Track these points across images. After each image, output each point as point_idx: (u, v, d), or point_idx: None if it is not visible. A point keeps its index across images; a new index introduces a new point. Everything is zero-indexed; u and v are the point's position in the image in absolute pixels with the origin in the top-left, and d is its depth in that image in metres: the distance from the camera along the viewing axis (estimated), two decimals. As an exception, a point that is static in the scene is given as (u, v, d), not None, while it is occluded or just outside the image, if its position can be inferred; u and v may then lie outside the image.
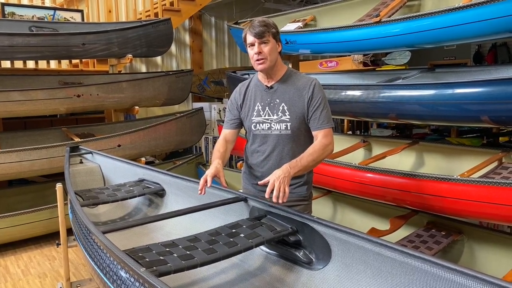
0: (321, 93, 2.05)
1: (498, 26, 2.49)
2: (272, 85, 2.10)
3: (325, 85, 3.61)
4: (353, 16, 3.76)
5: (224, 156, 2.13)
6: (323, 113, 2.02)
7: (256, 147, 2.17)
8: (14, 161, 3.91)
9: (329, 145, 2.01)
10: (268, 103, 2.10)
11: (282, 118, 2.06)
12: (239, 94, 2.21)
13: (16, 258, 3.86)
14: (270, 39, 2.00)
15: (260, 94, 2.13)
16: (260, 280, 1.84)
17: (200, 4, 6.40)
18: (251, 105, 2.15)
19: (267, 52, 1.99)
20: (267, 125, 2.10)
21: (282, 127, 2.07)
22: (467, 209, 2.52)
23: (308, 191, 2.19)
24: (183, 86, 5.51)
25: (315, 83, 2.05)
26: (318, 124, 2.03)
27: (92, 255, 1.79)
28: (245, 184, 2.31)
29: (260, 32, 1.97)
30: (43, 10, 5.31)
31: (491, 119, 2.65)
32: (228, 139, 2.22)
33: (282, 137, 2.09)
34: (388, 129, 6.45)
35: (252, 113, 2.14)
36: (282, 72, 2.10)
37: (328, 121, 2.04)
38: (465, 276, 1.34)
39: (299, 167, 1.89)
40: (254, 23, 2.00)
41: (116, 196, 2.65)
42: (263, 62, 2.01)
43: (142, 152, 4.84)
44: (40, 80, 4.88)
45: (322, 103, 2.03)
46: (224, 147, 2.17)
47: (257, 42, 1.98)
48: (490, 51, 8.49)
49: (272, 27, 2.01)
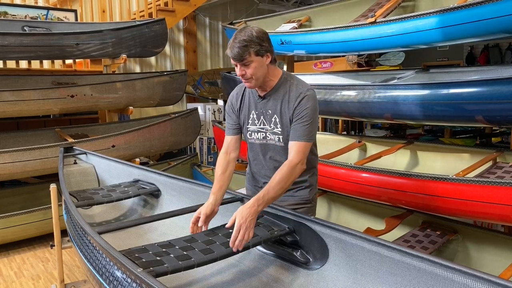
0: (309, 105, 1.88)
1: (493, 26, 2.50)
2: (265, 95, 1.98)
3: (320, 86, 3.63)
4: (348, 17, 3.77)
5: (223, 184, 1.98)
6: (304, 127, 1.87)
7: (254, 155, 2.12)
8: (7, 162, 3.87)
9: (298, 165, 1.84)
10: (262, 113, 2.01)
11: (274, 130, 1.99)
12: (236, 99, 2.11)
13: (9, 260, 3.81)
14: (253, 58, 1.83)
15: (254, 103, 2.04)
16: (257, 280, 1.83)
17: (195, 4, 6.39)
18: (247, 112, 2.06)
19: (250, 73, 1.86)
20: (263, 134, 2.03)
21: (276, 138, 2.00)
22: (463, 209, 2.54)
23: (311, 194, 2.12)
24: (177, 86, 5.49)
25: (305, 95, 1.89)
26: (295, 136, 1.88)
27: (88, 256, 1.77)
28: (248, 185, 2.29)
29: (238, 55, 1.81)
30: (36, 10, 5.26)
31: (485, 118, 2.66)
32: (231, 150, 2.08)
33: (277, 148, 2.01)
34: (382, 129, 6.47)
35: (248, 121, 2.06)
36: (276, 80, 1.96)
37: (307, 136, 1.88)
38: (462, 274, 1.34)
39: (266, 202, 1.76)
40: (233, 42, 1.82)
41: (111, 197, 2.64)
42: (248, 81, 1.90)
43: (137, 153, 4.82)
44: (33, 80, 4.84)
45: (306, 117, 1.88)
46: (225, 167, 2.02)
47: (238, 64, 1.86)
48: (483, 52, 8.56)
49: (254, 43, 1.82)
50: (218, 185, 1.97)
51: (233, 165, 2.07)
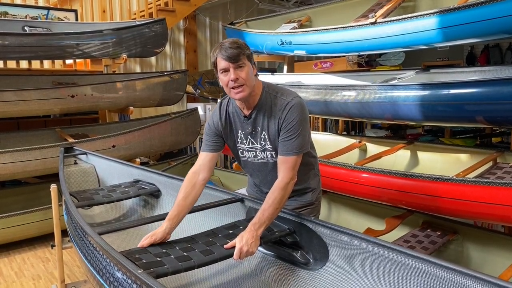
0: (294, 117, 1.78)
1: (493, 27, 2.50)
2: (250, 114, 1.87)
3: (320, 86, 3.63)
4: (349, 17, 3.76)
5: (182, 210, 1.86)
6: (291, 141, 1.78)
7: (250, 171, 2.08)
8: (8, 162, 3.87)
9: (290, 183, 1.78)
10: (249, 133, 1.90)
11: (265, 147, 1.89)
12: (218, 119, 1.95)
13: (9, 260, 3.82)
14: (246, 62, 1.75)
15: (240, 123, 1.92)
16: (257, 281, 1.83)
17: (195, 4, 6.39)
18: (234, 131, 1.95)
19: (244, 77, 1.73)
20: (253, 153, 1.95)
21: (268, 155, 1.91)
22: (463, 209, 2.53)
23: (314, 196, 2.08)
24: (177, 86, 5.49)
25: (290, 106, 1.79)
26: (283, 151, 1.80)
27: (88, 256, 1.77)
28: (249, 188, 2.27)
29: (234, 55, 1.71)
30: (36, 10, 5.27)
31: (486, 119, 2.66)
32: (203, 169, 1.93)
33: (270, 164, 1.93)
34: (382, 129, 6.48)
35: (237, 140, 1.96)
36: (259, 93, 1.85)
37: (296, 149, 1.79)
38: (462, 275, 1.34)
39: (262, 224, 1.72)
40: (225, 44, 1.74)
41: (111, 197, 2.64)
42: (242, 89, 1.74)
43: (137, 153, 4.82)
44: (33, 80, 4.84)
45: (293, 129, 1.78)
46: (188, 191, 1.88)
47: (232, 67, 1.72)
48: (483, 52, 8.55)
49: (246, 48, 1.77)
50: (176, 211, 1.85)
51: (199, 189, 1.92)
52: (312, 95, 3.59)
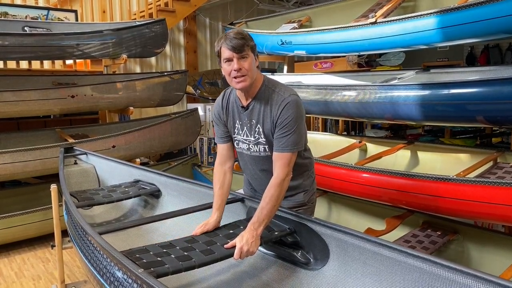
0: (290, 113, 1.80)
1: (493, 27, 2.50)
2: (248, 105, 1.91)
3: (320, 86, 3.62)
4: (349, 17, 3.76)
5: (224, 197, 1.99)
6: (287, 137, 1.81)
7: (243, 165, 2.10)
8: (7, 162, 3.87)
9: (285, 179, 1.81)
10: (245, 123, 1.94)
11: (259, 140, 1.92)
12: (221, 108, 2.03)
13: (9, 261, 3.81)
14: (249, 53, 1.78)
15: (238, 113, 1.97)
16: (258, 281, 1.83)
17: (195, 5, 6.39)
18: (232, 122, 2.00)
19: (247, 67, 1.77)
20: (246, 145, 1.98)
21: (261, 148, 1.93)
22: (463, 209, 2.53)
23: (306, 197, 2.09)
24: (178, 87, 5.49)
25: (286, 102, 1.81)
26: (279, 147, 1.83)
27: (89, 256, 1.77)
28: (244, 186, 2.29)
29: (239, 45, 1.74)
30: (36, 10, 5.26)
31: (486, 119, 2.66)
32: (225, 159, 2.04)
33: (263, 158, 1.96)
34: (382, 129, 6.48)
35: (234, 130, 2.01)
36: (258, 85, 1.89)
37: (291, 146, 1.82)
38: (463, 274, 1.34)
39: (261, 222, 1.75)
40: (230, 35, 1.77)
41: (112, 197, 2.64)
42: (244, 79, 1.78)
43: (137, 153, 4.82)
44: (33, 80, 4.83)
45: (289, 126, 1.80)
46: (222, 180, 2.00)
47: (235, 57, 1.75)
48: (483, 52, 8.55)
49: (250, 40, 1.80)
50: (219, 201, 1.98)
51: (229, 175, 2.03)
52: (312, 95, 3.59)
